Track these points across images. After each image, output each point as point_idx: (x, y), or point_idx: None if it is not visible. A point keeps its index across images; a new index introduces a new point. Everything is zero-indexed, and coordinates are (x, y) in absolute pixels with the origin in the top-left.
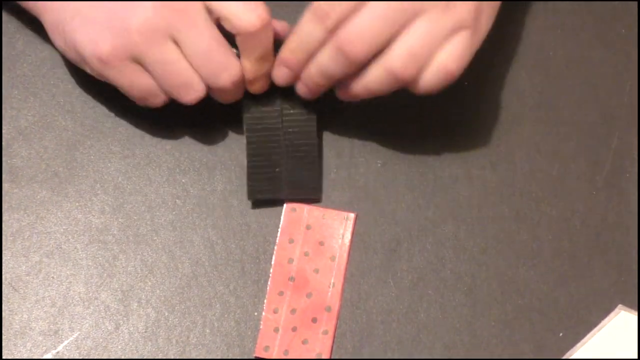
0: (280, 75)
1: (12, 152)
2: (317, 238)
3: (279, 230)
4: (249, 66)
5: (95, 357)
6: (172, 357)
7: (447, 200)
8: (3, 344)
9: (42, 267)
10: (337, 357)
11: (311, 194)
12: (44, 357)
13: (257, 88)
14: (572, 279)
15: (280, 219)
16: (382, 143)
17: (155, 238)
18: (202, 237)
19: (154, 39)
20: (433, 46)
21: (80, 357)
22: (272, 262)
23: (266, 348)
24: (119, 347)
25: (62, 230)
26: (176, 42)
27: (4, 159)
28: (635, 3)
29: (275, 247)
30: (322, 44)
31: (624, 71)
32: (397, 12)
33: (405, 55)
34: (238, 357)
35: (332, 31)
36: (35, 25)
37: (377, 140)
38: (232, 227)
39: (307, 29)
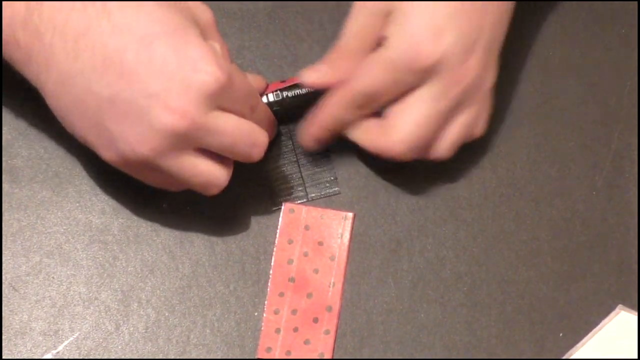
0: (313, 146)
1: (12, 152)
2: (316, 238)
3: (278, 231)
4: None
5: (96, 357)
6: (172, 358)
7: (447, 200)
8: (3, 344)
9: (42, 267)
10: (338, 357)
11: (329, 189)
12: (44, 357)
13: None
14: (572, 279)
15: (279, 219)
16: None
17: (155, 238)
18: (202, 237)
19: (169, 156)
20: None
21: (81, 357)
22: (272, 263)
23: (268, 349)
24: (119, 347)
25: (62, 230)
26: (201, 146)
27: (4, 159)
28: (635, 3)
29: (275, 248)
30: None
31: (624, 71)
32: (441, 113)
33: (450, 147)
34: (238, 357)
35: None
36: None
37: None
38: (232, 227)
39: (342, 113)
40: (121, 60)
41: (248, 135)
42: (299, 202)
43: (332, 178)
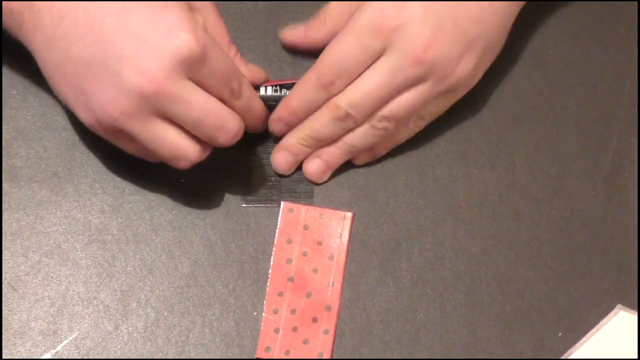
0: (279, 130)
1: (11, 151)
2: (315, 238)
3: (277, 230)
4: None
5: (95, 357)
6: (172, 357)
7: (447, 200)
8: (2, 344)
9: (41, 267)
10: (336, 357)
11: (302, 200)
12: (43, 356)
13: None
14: (571, 278)
15: (278, 219)
16: None
17: (154, 238)
18: (201, 237)
19: (138, 119)
20: (415, 110)
21: (80, 357)
22: (271, 263)
23: (267, 349)
24: (118, 346)
25: (61, 230)
26: (168, 118)
27: (3, 158)
28: (635, 3)
29: (274, 248)
30: (322, 105)
31: (624, 71)
32: (395, 87)
33: (389, 118)
34: (237, 357)
35: (336, 94)
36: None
37: None
38: (231, 227)
39: (311, 94)
40: (100, 26)
41: (216, 116)
42: (268, 205)
43: (309, 190)
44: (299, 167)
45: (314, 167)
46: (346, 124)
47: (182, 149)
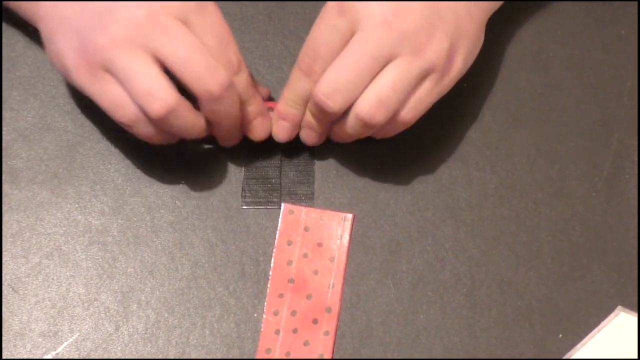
0: (281, 129)
1: (12, 153)
2: (316, 239)
3: (277, 232)
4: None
5: (95, 358)
6: (172, 358)
7: (447, 202)
8: (3, 345)
9: (41, 269)
10: (337, 358)
11: (304, 202)
12: (44, 358)
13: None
14: (571, 280)
15: (279, 220)
16: (382, 144)
17: (155, 239)
18: (201, 238)
19: (124, 48)
20: (402, 92)
21: (80, 358)
22: (271, 265)
23: (268, 350)
24: (119, 348)
25: (61, 231)
26: (154, 54)
27: (3, 160)
28: (635, 3)
29: (274, 250)
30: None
31: (624, 71)
32: (368, 60)
33: (374, 103)
34: (238, 358)
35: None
36: (34, 26)
37: (376, 141)
38: (231, 228)
39: (297, 84)
40: None
41: (206, 59)
42: (269, 207)
43: (309, 192)
44: (299, 167)
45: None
46: (327, 113)
47: (157, 84)
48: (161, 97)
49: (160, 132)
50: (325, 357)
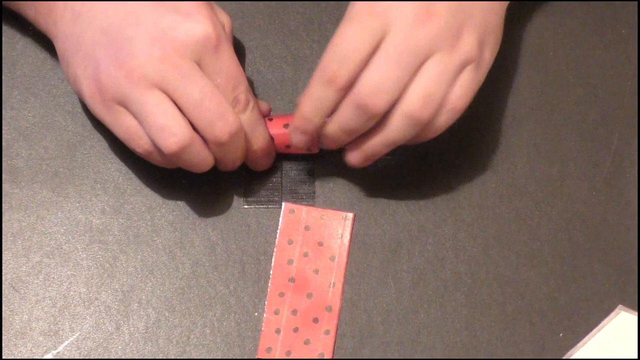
0: (299, 141)
1: (12, 152)
2: (316, 238)
3: (278, 231)
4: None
5: (96, 358)
6: (173, 358)
7: (447, 201)
8: (3, 344)
9: (42, 268)
10: (337, 357)
11: (304, 201)
12: (45, 357)
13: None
14: (572, 279)
15: (279, 219)
16: None
17: (155, 238)
18: (202, 237)
19: (140, 85)
20: (445, 85)
21: (81, 358)
22: (272, 264)
23: (268, 349)
24: (120, 347)
25: (62, 230)
26: (168, 93)
27: (4, 159)
28: (635, 3)
29: (275, 249)
30: (336, 103)
31: (624, 71)
32: (409, 56)
33: (422, 98)
34: (238, 357)
35: (345, 89)
36: (35, 26)
37: None
38: (232, 227)
39: (319, 93)
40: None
41: (218, 103)
42: (270, 206)
43: (310, 191)
44: (299, 166)
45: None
46: (370, 115)
47: (172, 119)
48: (175, 133)
49: (173, 162)
50: (325, 357)
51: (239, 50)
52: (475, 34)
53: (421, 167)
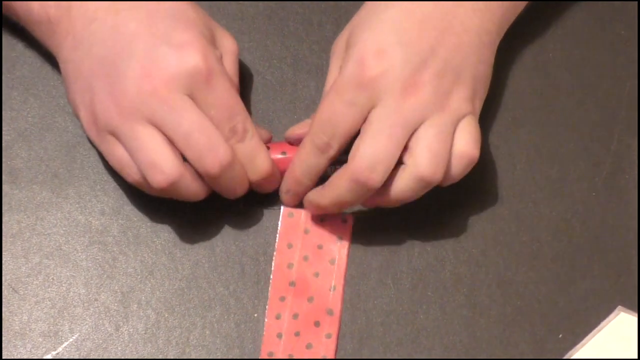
0: (290, 202)
1: (12, 153)
2: (316, 242)
3: (277, 235)
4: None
5: (95, 358)
6: (172, 358)
7: (447, 202)
8: (3, 345)
9: (42, 269)
10: (338, 359)
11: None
12: (44, 358)
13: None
14: (571, 280)
15: (279, 222)
16: None
17: (155, 239)
18: (202, 238)
19: (130, 119)
20: (447, 143)
21: (80, 358)
22: (272, 268)
23: (270, 354)
24: (119, 348)
25: (62, 231)
26: (158, 127)
27: (4, 160)
28: (635, 3)
29: (275, 253)
30: (327, 167)
31: (624, 72)
32: (400, 128)
33: (430, 157)
34: (238, 358)
35: (336, 157)
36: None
37: None
38: (231, 228)
39: (311, 160)
40: (125, 28)
41: (207, 136)
42: (269, 209)
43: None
44: None
45: None
46: (367, 190)
47: (161, 156)
48: (163, 170)
49: (164, 194)
50: None
51: (240, 51)
52: (466, 90)
53: None
